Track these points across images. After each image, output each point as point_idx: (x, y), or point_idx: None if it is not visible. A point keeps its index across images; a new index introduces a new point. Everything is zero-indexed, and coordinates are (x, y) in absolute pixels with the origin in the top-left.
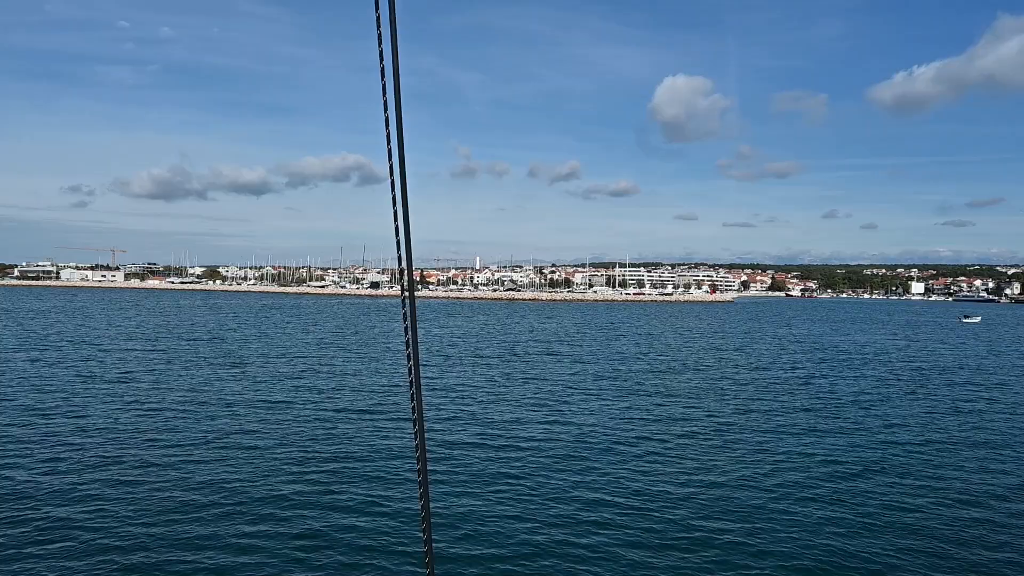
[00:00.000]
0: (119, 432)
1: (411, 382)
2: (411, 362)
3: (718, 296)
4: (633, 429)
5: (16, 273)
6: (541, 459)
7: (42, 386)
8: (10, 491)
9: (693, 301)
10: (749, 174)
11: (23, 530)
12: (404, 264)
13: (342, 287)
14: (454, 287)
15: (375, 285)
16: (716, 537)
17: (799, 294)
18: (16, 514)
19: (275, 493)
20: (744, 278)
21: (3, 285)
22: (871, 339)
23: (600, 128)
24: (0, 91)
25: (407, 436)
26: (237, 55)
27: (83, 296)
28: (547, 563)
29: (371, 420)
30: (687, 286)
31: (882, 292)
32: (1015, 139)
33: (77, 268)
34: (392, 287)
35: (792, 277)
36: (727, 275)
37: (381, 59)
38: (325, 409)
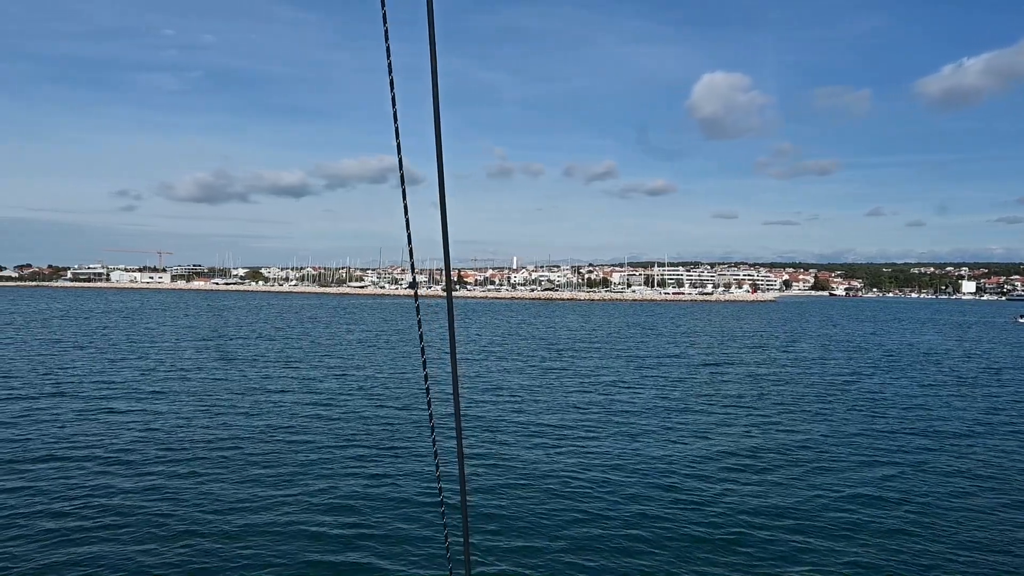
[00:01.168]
0: (182, 425)
1: (425, 379)
2: (430, 361)
3: (759, 296)
4: (674, 427)
5: (69, 275)
6: (580, 457)
7: (106, 383)
8: (84, 478)
9: (734, 301)
10: (789, 171)
11: (95, 514)
12: (412, 263)
13: (381, 287)
14: (492, 287)
15: (413, 285)
16: (757, 536)
17: (843, 294)
18: (88, 501)
19: (313, 486)
20: (786, 277)
21: (59, 287)
22: (921, 339)
23: (636, 127)
24: (51, 99)
25: (449, 431)
26: (275, 60)
27: (133, 297)
28: (582, 559)
29: (411, 414)
30: (727, 286)
31: (931, 291)
32: None
33: (126, 270)
34: (430, 287)
35: (836, 276)
36: (768, 274)
37: (388, 55)
38: (366, 405)
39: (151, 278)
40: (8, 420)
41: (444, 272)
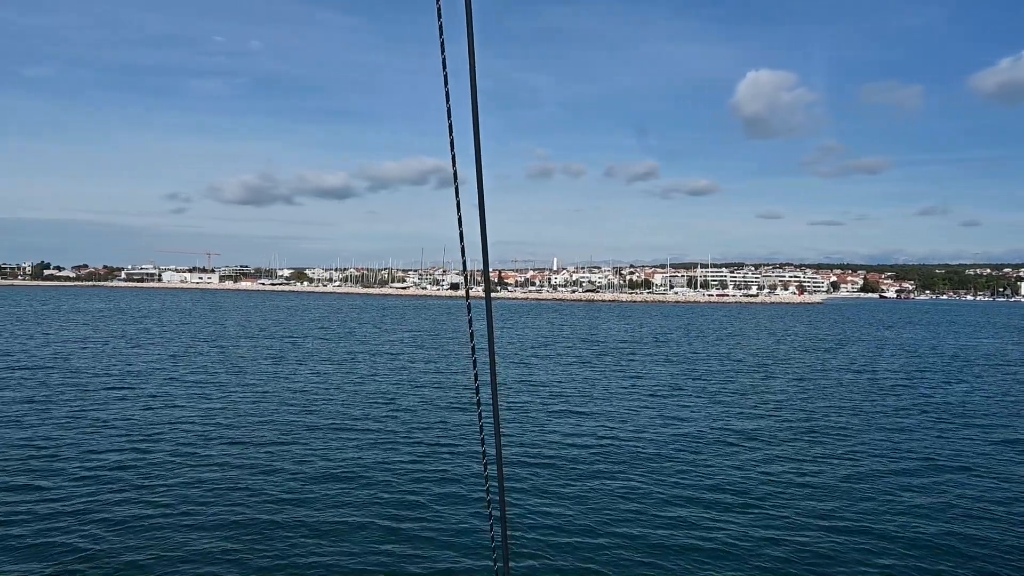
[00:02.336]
0: (237, 421)
1: (477, 378)
2: (472, 360)
3: (806, 297)
4: (721, 429)
5: (123, 275)
6: (623, 458)
7: (169, 378)
8: (152, 468)
9: (780, 303)
10: (836, 170)
11: (154, 499)
12: (464, 262)
13: (423, 288)
14: (532, 288)
15: (455, 286)
16: (798, 541)
17: (894, 295)
18: (157, 491)
19: (350, 486)
20: (833, 279)
21: (114, 287)
22: (979, 342)
23: (678, 126)
24: (104, 105)
25: (488, 431)
26: (319, 64)
27: (184, 297)
28: (620, 558)
29: (453, 415)
30: (772, 287)
31: (987, 293)
32: None
33: (176, 270)
34: (473, 288)
35: (886, 277)
36: (815, 275)
37: (445, 66)
38: (410, 402)
39: (200, 278)
40: (87, 410)
41: (483, 273)
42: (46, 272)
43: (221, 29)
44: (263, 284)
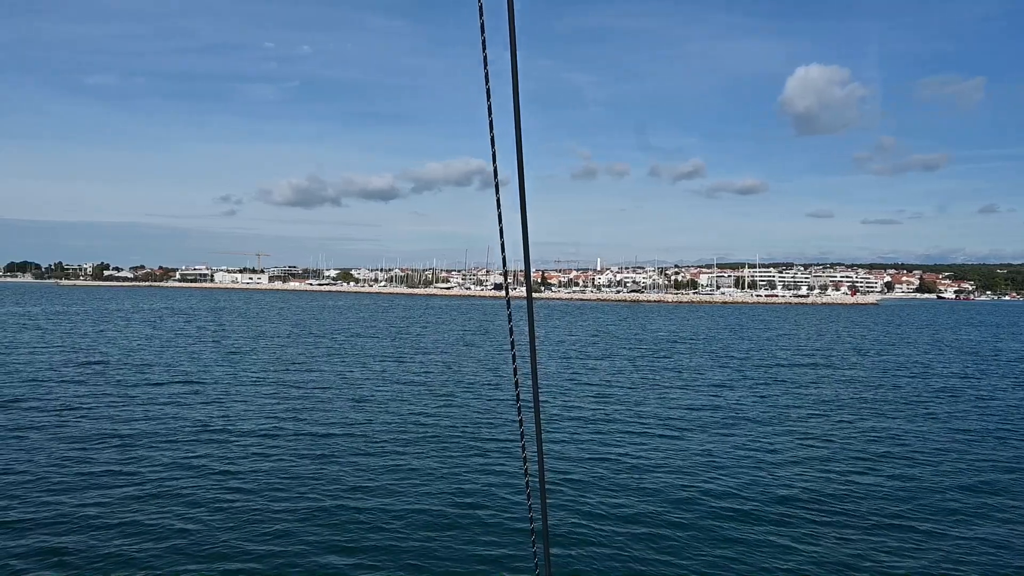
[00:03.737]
0: (284, 417)
1: (517, 374)
2: (512, 361)
3: (860, 298)
4: (774, 436)
5: (178, 276)
6: (673, 467)
7: (228, 376)
8: (199, 461)
9: (832, 304)
10: (890, 167)
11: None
12: (504, 260)
13: (467, 288)
14: (576, 288)
15: (498, 286)
16: (851, 550)
17: (953, 296)
18: (200, 481)
19: (391, 485)
20: (887, 279)
21: (169, 287)
22: None
23: (725, 124)
24: (160, 111)
25: (530, 432)
26: (365, 67)
27: (237, 296)
28: (664, 568)
29: (495, 415)
30: (823, 287)
31: None
32: None
33: (228, 271)
34: (514, 288)
35: (943, 278)
36: (868, 275)
37: (485, 64)
38: (453, 402)
39: (250, 279)
40: (154, 403)
41: (525, 274)
42: (106, 273)
43: (272, 35)
44: (311, 284)
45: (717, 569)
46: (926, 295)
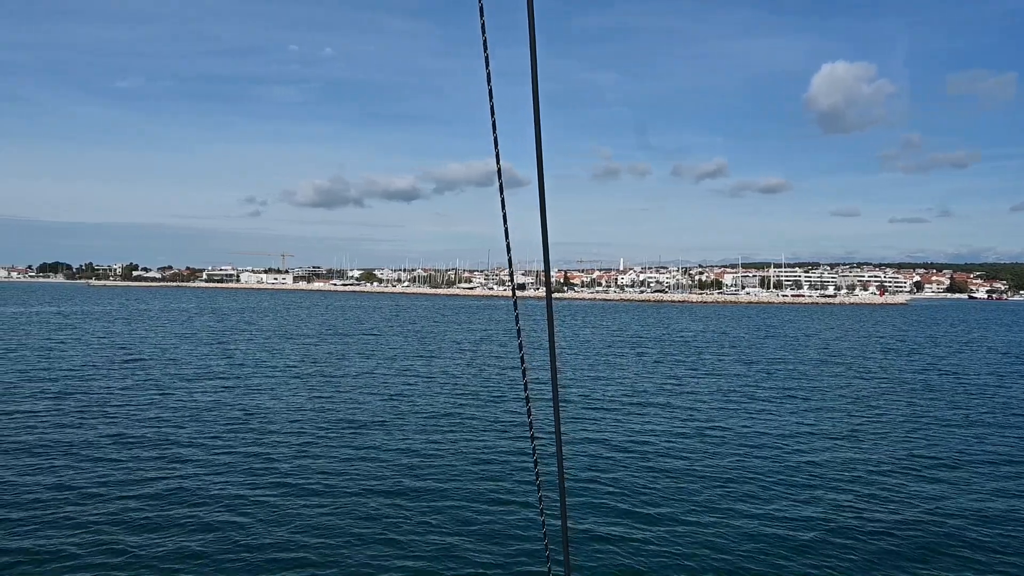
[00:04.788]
0: (300, 411)
1: (524, 387)
2: (520, 358)
3: (889, 298)
4: (800, 436)
5: (204, 276)
6: (694, 460)
7: (257, 373)
8: (235, 452)
9: (860, 304)
10: (918, 165)
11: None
12: (510, 260)
13: (490, 288)
14: (599, 288)
15: (521, 287)
16: (872, 548)
17: (985, 296)
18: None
19: (410, 485)
20: (916, 278)
21: (196, 287)
22: None
23: (748, 123)
24: (186, 113)
25: (550, 426)
26: (387, 69)
27: (263, 297)
28: (684, 562)
29: (515, 415)
30: (851, 287)
31: None
32: None
33: (253, 272)
34: (537, 288)
35: (975, 277)
36: (896, 275)
37: (487, 65)
38: (475, 402)
39: (275, 279)
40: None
41: (544, 273)
42: (134, 273)
43: (295, 38)
44: (335, 285)
45: (741, 572)
46: (957, 295)
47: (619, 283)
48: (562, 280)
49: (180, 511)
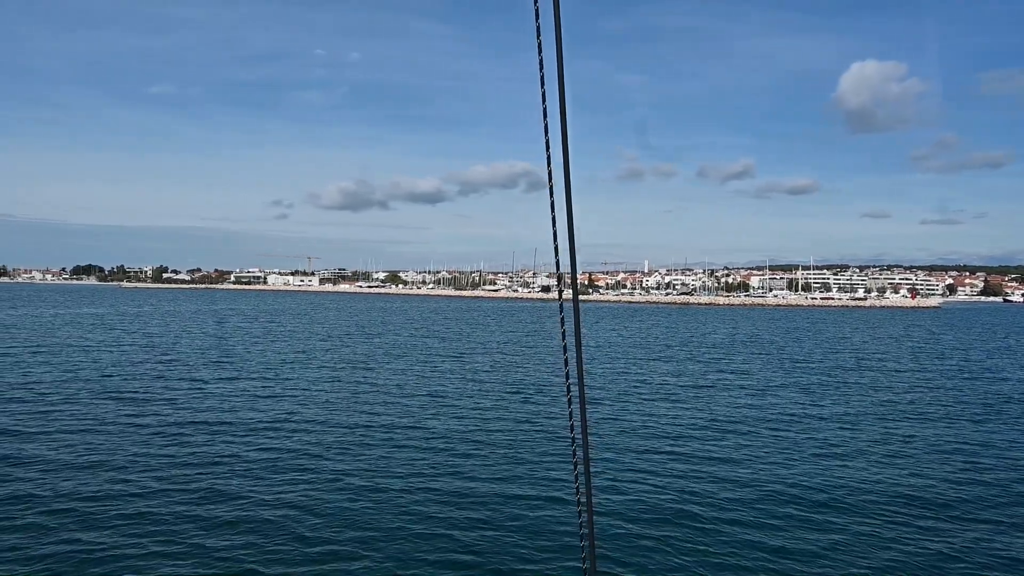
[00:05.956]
0: (327, 415)
1: (568, 378)
2: (564, 360)
3: (921, 301)
4: (835, 445)
5: (232, 278)
6: (725, 468)
7: (283, 375)
8: (262, 451)
9: (891, 307)
10: (951, 165)
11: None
12: (558, 261)
13: (514, 291)
14: (624, 291)
15: (545, 289)
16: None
17: (1021, 299)
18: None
19: (444, 479)
20: (949, 281)
21: (224, 289)
22: None
23: (775, 123)
24: (215, 118)
25: (578, 431)
26: (411, 72)
27: (290, 299)
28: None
29: (550, 414)
30: (881, 290)
31: None
32: None
33: (280, 274)
34: (563, 290)
35: (1010, 280)
36: (927, 277)
37: (542, 67)
38: (499, 403)
39: (302, 281)
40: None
41: (571, 275)
42: (164, 275)
43: (322, 42)
44: (360, 287)
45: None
46: (991, 298)
47: (644, 285)
48: (587, 282)
49: (220, 507)
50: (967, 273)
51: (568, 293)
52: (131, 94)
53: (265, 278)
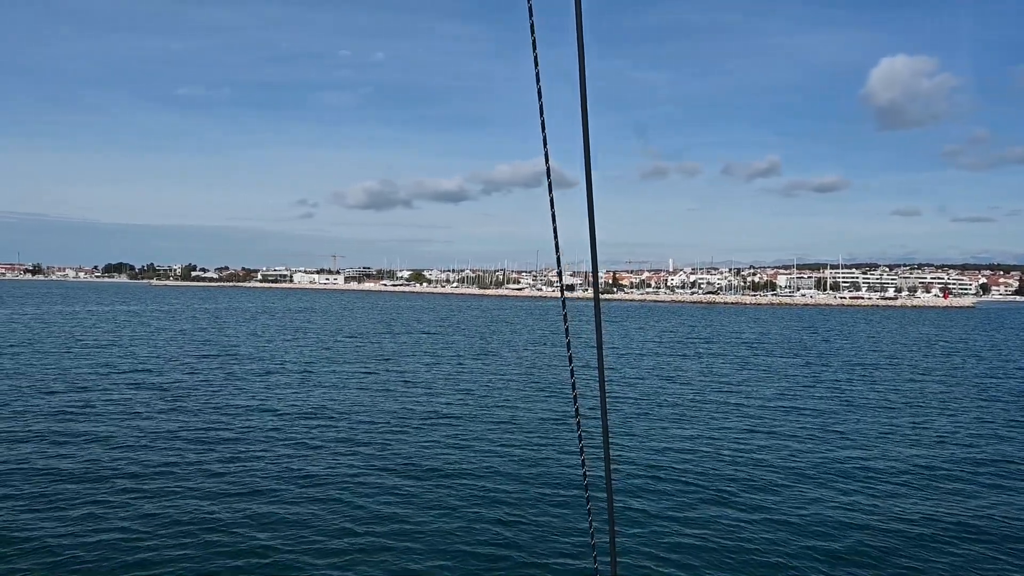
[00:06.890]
0: (344, 412)
1: (572, 385)
2: (568, 357)
3: (954, 301)
4: (874, 454)
5: (259, 276)
6: (747, 463)
7: (297, 371)
8: (273, 448)
9: (923, 306)
10: (984, 161)
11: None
12: (559, 259)
13: (538, 289)
14: (649, 290)
15: (569, 288)
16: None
17: None
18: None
19: (462, 478)
20: (982, 280)
21: (252, 287)
22: None
23: (802, 120)
24: (242, 118)
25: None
26: (436, 72)
27: (316, 297)
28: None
29: (570, 419)
30: (912, 289)
31: None
32: None
33: (306, 272)
34: (586, 289)
35: None
36: (960, 276)
37: (537, 64)
38: (522, 402)
39: (327, 279)
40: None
41: (592, 274)
42: (193, 274)
43: (347, 43)
44: (385, 285)
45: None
46: None
47: (669, 284)
48: (611, 281)
49: (248, 499)
50: (1000, 272)
51: (589, 292)
52: (160, 96)
53: (291, 276)
